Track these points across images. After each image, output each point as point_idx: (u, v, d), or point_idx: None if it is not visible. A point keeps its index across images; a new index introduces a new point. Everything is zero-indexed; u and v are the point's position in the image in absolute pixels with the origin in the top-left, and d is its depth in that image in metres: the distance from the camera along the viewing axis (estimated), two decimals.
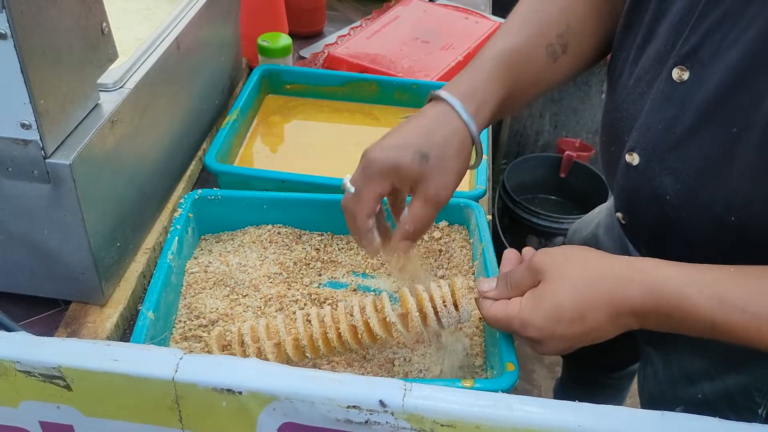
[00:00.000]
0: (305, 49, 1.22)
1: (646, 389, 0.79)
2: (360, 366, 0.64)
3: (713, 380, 0.69)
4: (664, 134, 0.61)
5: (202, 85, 0.89)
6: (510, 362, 0.60)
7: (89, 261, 0.65)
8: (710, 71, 0.56)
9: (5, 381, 0.49)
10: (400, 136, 0.62)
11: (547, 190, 2.07)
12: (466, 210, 0.77)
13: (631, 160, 0.64)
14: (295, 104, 1.03)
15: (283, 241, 0.77)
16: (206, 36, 0.87)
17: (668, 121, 0.60)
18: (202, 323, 0.67)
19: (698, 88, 0.57)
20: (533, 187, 2.04)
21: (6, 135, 0.57)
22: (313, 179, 0.82)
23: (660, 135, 0.61)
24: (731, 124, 0.55)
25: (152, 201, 0.78)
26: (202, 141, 0.92)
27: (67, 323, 0.68)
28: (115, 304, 0.70)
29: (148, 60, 0.72)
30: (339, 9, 1.37)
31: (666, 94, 0.60)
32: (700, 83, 0.57)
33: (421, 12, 1.28)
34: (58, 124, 0.59)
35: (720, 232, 0.60)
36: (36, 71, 0.54)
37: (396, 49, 1.15)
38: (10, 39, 0.51)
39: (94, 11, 0.62)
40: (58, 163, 0.59)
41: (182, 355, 0.48)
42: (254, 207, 0.76)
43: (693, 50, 0.57)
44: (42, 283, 0.68)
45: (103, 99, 0.66)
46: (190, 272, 0.73)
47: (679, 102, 0.59)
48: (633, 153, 0.64)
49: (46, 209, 0.62)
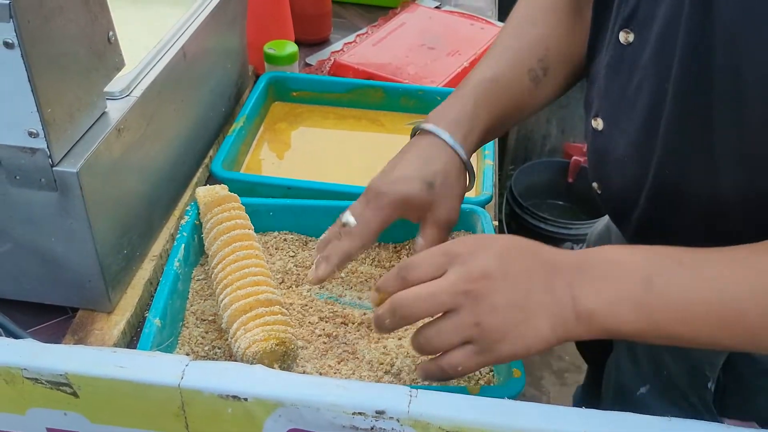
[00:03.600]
0: (311, 56, 1.23)
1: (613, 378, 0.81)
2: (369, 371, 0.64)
3: (674, 356, 0.72)
4: (618, 97, 0.62)
5: (208, 92, 0.90)
6: (516, 369, 0.59)
7: (96, 268, 0.65)
8: (649, 31, 0.58)
9: (12, 388, 0.50)
10: (403, 168, 0.64)
11: (554, 195, 2.07)
12: (473, 216, 0.77)
13: (596, 125, 0.66)
14: (301, 111, 1.03)
15: (290, 247, 0.77)
16: (213, 44, 0.88)
17: (622, 84, 0.61)
18: (208, 330, 0.68)
19: (642, 48, 0.58)
20: (541, 193, 2.04)
21: (14, 143, 0.58)
22: (320, 186, 0.82)
23: (616, 98, 0.63)
24: (663, 79, 0.56)
25: (159, 208, 0.79)
26: (208, 148, 0.92)
27: (75, 330, 0.68)
28: (122, 311, 0.70)
29: (154, 68, 0.73)
30: (345, 16, 1.37)
31: (617, 58, 0.62)
32: (644, 43, 0.58)
33: (427, 18, 1.28)
34: (65, 132, 0.60)
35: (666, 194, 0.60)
36: (43, 80, 0.55)
37: (402, 55, 1.15)
38: (18, 48, 0.52)
39: (100, 20, 0.62)
40: (66, 171, 0.59)
41: (188, 362, 0.49)
42: (260, 214, 0.77)
43: (632, 12, 0.59)
44: (49, 291, 0.69)
45: (109, 107, 0.66)
46: (196, 279, 0.73)
47: (629, 64, 0.60)
48: (597, 118, 0.65)
49: (54, 217, 0.62)
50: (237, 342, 0.60)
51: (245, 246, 0.67)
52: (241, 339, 0.60)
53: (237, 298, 0.62)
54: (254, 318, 0.61)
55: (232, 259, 0.66)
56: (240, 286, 0.63)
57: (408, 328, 0.69)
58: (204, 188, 0.75)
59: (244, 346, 0.59)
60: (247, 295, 0.62)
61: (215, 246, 0.68)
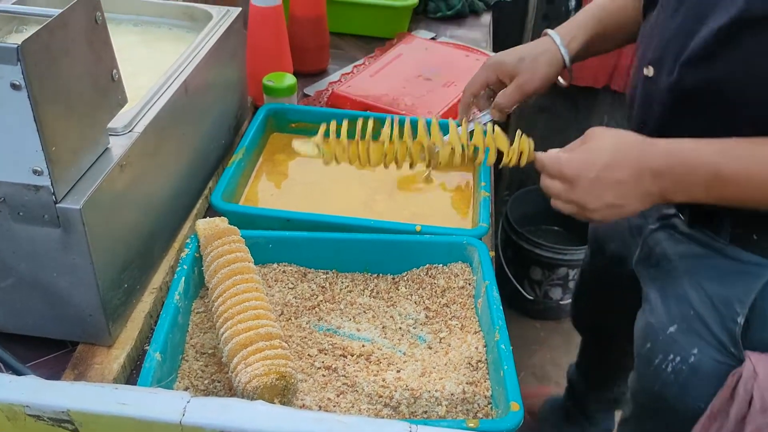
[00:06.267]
0: (309, 87, 1.24)
1: (644, 322, 0.90)
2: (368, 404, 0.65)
3: (699, 293, 0.81)
4: (671, 41, 0.75)
5: (208, 125, 0.91)
6: (515, 402, 0.60)
7: (97, 303, 0.66)
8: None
9: (15, 425, 0.50)
10: (513, 49, 0.93)
11: (550, 221, 2.08)
12: (469, 248, 0.78)
13: (647, 72, 0.79)
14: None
15: (288, 279, 0.78)
16: (213, 78, 0.89)
17: (677, 29, 0.74)
18: (208, 363, 0.68)
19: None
20: (536, 219, 2.05)
21: (18, 181, 0.59)
22: (318, 217, 0.83)
23: (667, 42, 0.76)
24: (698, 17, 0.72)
25: (159, 240, 0.80)
26: (208, 179, 0.93)
27: (75, 365, 0.68)
28: (122, 345, 0.70)
29: (156, 103, 0.74)
30: (342, 47, 1.40)
31: (674, 6, 0.76)
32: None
33: (423, 50, 1.30)
34: (69, 169, 0.61)
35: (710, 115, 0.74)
36: (48, 119, 0.56)
37: (398, 86, 1.17)
38: (24, 89, 0.53)
39: (104, 59, 0.64)
40: (69, 208, 0.60)
41: (189, 398, 0.49)
42: (260, 246, 0.77)
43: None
44: (50, 325, 0.69)
45: (112, 143, 0.67)
46: (196, 312, 0.73)
47: (685, 11, 0.73)
48: (649, 66, 0.79)
49: (56, 252, 0.63)
50: (237, 376, 0.60)
51: (246, 279, 0.68)
52: (241, 373, 0.60)
53: (237, 331, 0.63)
54: (255, 352, 0.61)
55: (233, 293, 0.67)
56: (241, 320, 0.64)
57: (407, 361, 0.70)
58: (204, 221, 0.76)
59: (244, 381, 0.60)
60: (248, 328, 0.63)
61: (216, 279, 0.69)
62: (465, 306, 0.75)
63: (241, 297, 0.66)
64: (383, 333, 0.73)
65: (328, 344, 0.71)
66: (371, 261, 0.79)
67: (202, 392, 0.66)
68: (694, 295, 0.82)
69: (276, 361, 0.60)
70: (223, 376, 0.67)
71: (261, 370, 0.59)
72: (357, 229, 0.81)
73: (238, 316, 0.64)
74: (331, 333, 0.73)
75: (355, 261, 0.80)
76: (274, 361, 0.60)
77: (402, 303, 0.77)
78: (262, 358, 0.61)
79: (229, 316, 0.65)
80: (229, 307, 0.66)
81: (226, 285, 0.68)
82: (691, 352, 0.81)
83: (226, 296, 0.67)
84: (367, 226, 0.81)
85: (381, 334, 0.73)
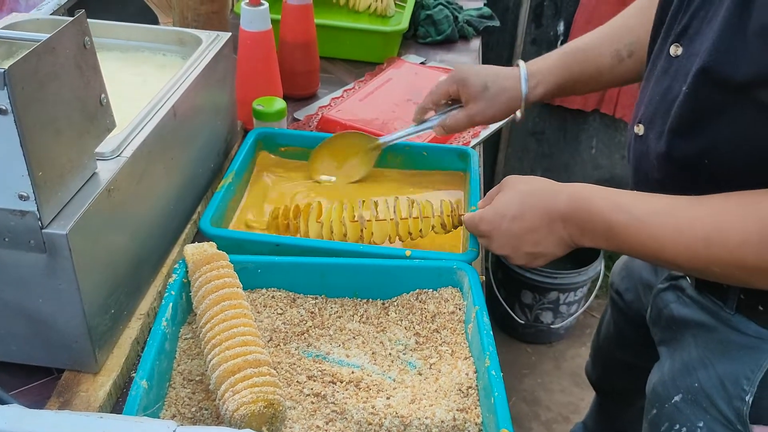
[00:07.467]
0: (299, 111, 1.25)
1: (651, 385, 0.88)
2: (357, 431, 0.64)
3: (707, 368, 0.79)
4: (659, 103, 0.73)
5: (197, 149, 0.91)
6: (506, 429, 0.59)
7: (83, 329, 0.65)
8: (695, 45, 0.68)
9: None
10: (483, 69, 0.93)
11: None
12: (459, 273, 0.78)
13: (638, 130, 0.77)
14: (289, 167, 1.04)
15: (277, 305, 0.77)
16: (202, 102, 0.89)
17: (664, 91, 0.72)
18: (195, 390, 0.67)
19: (686, 59, 0.69)
20: None
21: (3, 206, 0.58)
22: (307, 242, 0.83)
23: (656, 104, 0.73)
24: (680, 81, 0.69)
25: (147, 266, 0.79)
26: (197, 204, 0.93)
27: (60, 392, 0.67)
28: (108, 372, 0.69)
29: (145, 128, 0.74)
30: (332, 71, 1.40)
31: (664, 69, 0.73)
32: (689, 56, 0.69)
33: (413, 74, 1.31)
34: (56, 194, 0.60)
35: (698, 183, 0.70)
36: (35, 144, 0.56)
37: (388, 110, 1.17)
38: (11, 114, 0.53)
39: (92, 83, 0.63)
40: (55, 233, 0.59)
41: (175, 427, 0.48)
42: (248, 271, 0.77)
43: (684, 29, 0.70)
44: (35, 352, 0.68)
45: (100, 168, 0.67)
46: (183, 338, 0.73)
47: (673, 73, 0.71)
48: (639, 124, 0.76)
49: (42, 278, 0.62)
50: (225, 404, 0.60)
51: (234, 305, 0.68)
52: (229, 401, 0.59)
53: (225, 358, 0.62)
54: (242, 379, 0.60)
55: (221, 319, 0.66)
56: (228, 346, 0.63)
57: (396, 387, 0.69)
58: (192, 246, 0.75)
59: (232, 409, 0.59)
60: (236, 355, 0.62)
61: (204, 305, 0.68)
62: (455, 331, 0.75)
63: (230, 323, 0.66)
64: (373, 359, 0.73)
65: (317, 371, 0.70)
66: (361, 286, 0.79)
67: (189, 420, 0.65)
68: (701, 369, 0.79)
69: (264, 389, 0.60)
70: (210, 403, 0.66)
71: (249, 398, 0.59)
72: (346, 254, 0.80)
73: (226, 342, 0.64)
74: (321, 359, 0.72)
75: (344, 286, 0.79)
76: (262, 388, 0.60)
77: (392, 328, 0.76)
78: (250, 385, 0.60)
79: (217, 343, 0.64)
80: (217, 333, 0.65)
81: (214, 311, 0.67)
82: (697, 425, 0.79)
83: (214, 322, 0.66)
84: (356, 251, 0.81)
85: (371, 360, 0.72)
